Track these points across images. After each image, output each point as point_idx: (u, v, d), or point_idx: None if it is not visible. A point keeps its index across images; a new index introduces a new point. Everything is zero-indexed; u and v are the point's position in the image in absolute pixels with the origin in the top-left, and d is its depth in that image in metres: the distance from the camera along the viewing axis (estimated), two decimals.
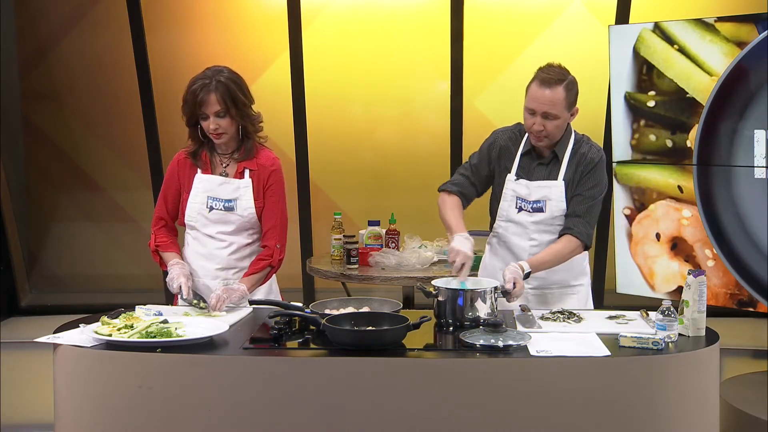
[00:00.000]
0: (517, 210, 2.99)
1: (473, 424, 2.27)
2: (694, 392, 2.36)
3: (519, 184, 2.98)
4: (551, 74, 2.85)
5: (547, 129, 2.87)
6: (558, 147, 2.96)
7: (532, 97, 2.86)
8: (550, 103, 2.83)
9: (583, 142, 2.99)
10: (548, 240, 2.97)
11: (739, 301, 3.99)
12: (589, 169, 2.94)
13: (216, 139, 2.94)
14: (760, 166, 3.81)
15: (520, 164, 3.00)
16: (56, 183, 5.50)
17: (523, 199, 2.98)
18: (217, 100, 2.85)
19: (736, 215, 3.93)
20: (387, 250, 4.11)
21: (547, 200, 2.95)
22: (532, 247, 2.98)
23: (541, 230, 2.97)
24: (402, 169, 5.33)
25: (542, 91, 2.84)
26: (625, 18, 4.83)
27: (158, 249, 3.03)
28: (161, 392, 2.33)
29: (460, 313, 2.60)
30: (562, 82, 2.85)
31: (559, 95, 2.83)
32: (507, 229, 3.03)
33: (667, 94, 4.10)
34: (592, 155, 2.95)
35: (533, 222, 2.97)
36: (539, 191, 2.96)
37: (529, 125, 2.89)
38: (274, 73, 5.20)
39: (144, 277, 5.33)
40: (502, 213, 3.02)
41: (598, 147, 3.01)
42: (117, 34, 5.20)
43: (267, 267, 2.98)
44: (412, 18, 5.19)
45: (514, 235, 3.02)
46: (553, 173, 2.96)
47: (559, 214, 2.95)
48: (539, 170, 2.98)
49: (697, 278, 2.51)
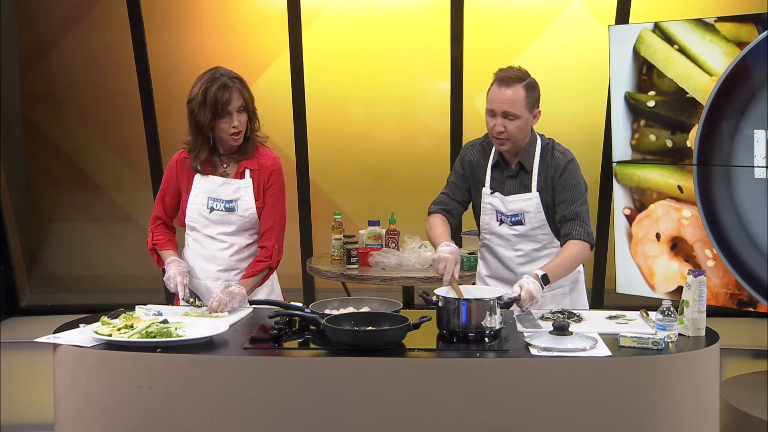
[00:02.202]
0: (498, 223, 3.01)
1: (473, 424, 2.27)
2: (694, 392, 2.36)
3: (495, 197, 3.00)
4: (510, 74, 2.87)
5: (508, 130, 2.86)
6: (524, 157, 2.95)
7: (492, 98, 2.87)
8: (510, 101, 2.84)
9: (549, 148, 2.97)
10: (532, 248, 2.99)
11: (739, 301, 3.99)
12: (560, 174, 2.93)
13: (235, 140, 2.93)
14: (760, 166, 3.81)
15: (492, 176, 3.01)
16: (56, 183, 5.49)
17: (501, 213, 2.99)
18: (239, 96, 2.88)
19: (736, 215, 3.93)
20: (387, 250, 4.12)
21: (525, 213, 2.96)
22: (518, 257, 3.00)
23: (523, 241, 2.99)
24: (402, 169, 5.32)
25: (501, 90, 2.85)
26: (625, 18, 4.83)
27: (155, 247, 3.02)
28: (161, 392, 2.33)
29: (463, 323, 2.52)
30: (522, 81, 2.86)
31: (519, 94, 2.84)
32: (492, 240, 3.06)
33: (667, 94, 4.10)
34: (557, 161, 2.94)
35: (515, 234, 2.99)
36: (515, 205, 2.97)
37: (491, 127, 2.90)
38: (274, 73, 5.20)
39: (144, 277, 5.32)
40: (485, 226, 3.05)
41: (563, 149, 2.99)
42: (117, 34, 5.20)
43: (266, 269, 2.98)
44: (412, 18, 5.18)
45: (499, 246, 3.04)
46: (525, 185, 2.96)
47: (539, 224, 2.96)
48: (510, 183, 2.98)
49: (697, 278, 2.52)
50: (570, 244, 2.89)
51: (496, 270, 3.06)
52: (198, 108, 2.87)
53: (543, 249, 3.00)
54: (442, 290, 2.66)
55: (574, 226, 2.90)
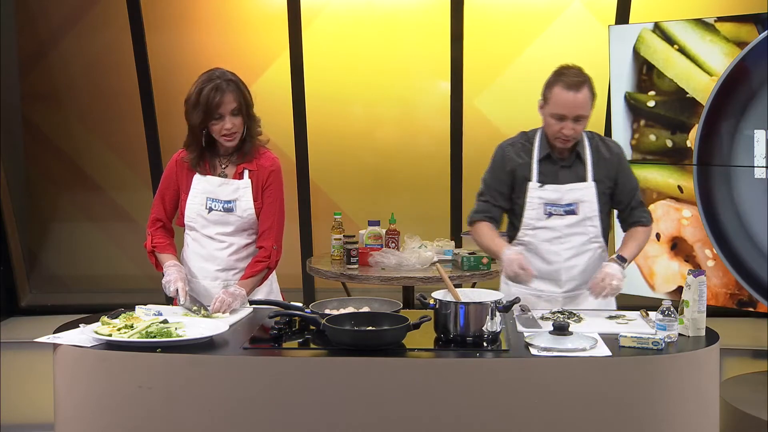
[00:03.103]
0: (547, 216, 2.97)
1: (473, 424, 2.27)
2: (694, 392, 2.36)
3: (545, 190, 2.96)
4: (576, 77, 2.85)
5: (576, 131, 2.87)
6: (579, 147, 2.97)
7: (562, 103, 2.84)
8: (582, 105, 2.84)
9: (596, 139, 3.01)
10: (581, 242, 2.97)
11: (739, 301, 3.99)
12: (617, 161, 2.99)
13: (228, 141, 2.92)
14: (760, 166, 3.81)
15: (541, 170, 2.97)
16: (56, 183, 5.49)
17: (553, 204, 2.96)
18: (233, 99, 2.86)
19: (736, 215, 3.93)
20: (387, 250, 4.11)
21: (580, 202, 2.95)
22: (566, 250, 2.97)
23: (574, 233, 2.97)
24: (402, 169, 5.33)
25: (571, 94, 2.83)
26: (625, 18, 4.83)
27: (155, 250, 3.01)
28: (161, 392, 2.33)
29: (461, 326, 2.46)
30: (586, 82, 2.86)
31: (587, 96, 2.86)
32: (536, 236, 2.99)
33: (667, 94, 4.10)
34: (612, 149, 3.01)
35: (566, 225, 2.96)
36: (571, 194, 2.95)
37: (557, 130, 2.87)
38: (274, 73, 5.20)
39: (144, 277, 5.32)
40: (529, 222, 2.98)
41: (611, 140, 3.07)
42: (117, 34, 5.20)
43: (264, 269, 2.98)
44: (412, 18, 5.19)
45: (545, 241, 2.99)
46: (579, 175, 2.96)
47: (592, 214, 2.96)
48: (564, 173, 2.97)
49: (697, 278, 2.52)
50: (640, 231, 3.00)
51: (535, 267, 2.94)
52: (191, 108, 2.88)
53: (589, 243, 2.98)
54: (439, 293, 2.60)
55: (642, 213, 3.03)
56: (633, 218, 3.03)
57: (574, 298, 3.00)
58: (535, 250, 3.00)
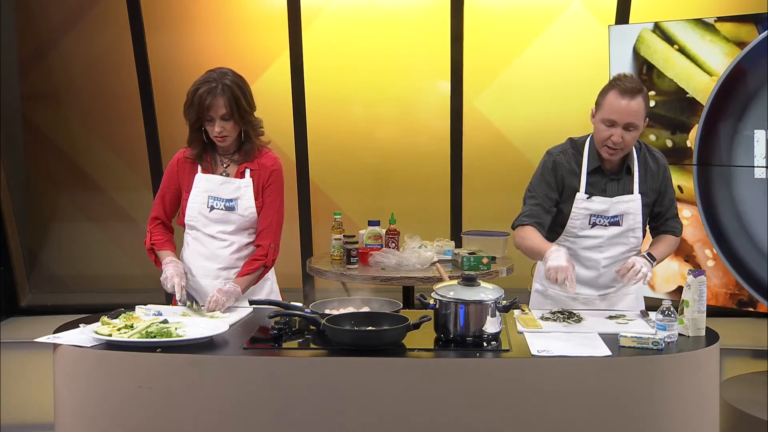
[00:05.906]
0: (591, 225, 2.96)
1: (473, 424, 2.27)
2: (694, 392, 2.36)
3: (593, 201, 2.94)
4: (632, 84, 2.81)
5: (625, 141, 2.83)
6: (629, 160, 2.95)
7: (614, 109, 2.81)
8: (635, 113, 2.80)
9: (643, 149, 2.99)
10: (620, 252, 2.97)
11: (739, 301, 3.99)
12: (662, 172, 3.00)
13: (220, 142, 2.95)
14: (760, 166, 3.81)
15: (589, 182, 2.95)
16: (56, 183, 5.49)
17: (599, 215, 2.95)
18: (224, 104, 2.87)
19: (736, 215, 3.93)
20: (387, 250, 4.11)
21: (625, 214, 2.95)
22: (604, 259, 2.97)
23: (615, 243, 2.97)
24: (402, 169, 5.32)
25: (625, 101, 2.79)
26: (625, 18, 4.83)
27: (153, 247, 3.02)
28: (161, 392, 2.33)
29: (461, 326, 2.44)
30: (641, 91, 2.82)
31: (641, 105, 2.81)
32: (576, 243, 2.99)
33: (667, 94, 4.10)
34: (659, 160, 3.01)
35: (610, 236, 2.96)
36: (618, 207, 2.94)
37: (606, 137, 2.84)
38: (274, 73, 5.20)
39: (144, 277, 5.32)
40: (572, 230, 2.98)
41: (657, 150, 3.05)
42: (117, 34, 5.20)
43: (261, 267, 2.98)
44: (412, 18, 5.18)
45: (585, 249, 2.99)
46: (628, 187, 2.95)
47: (636, 226, 2.96)
48: (612, 185, 2.95)
49: (697, 278, 2.52)
50: (671, 238, 3.04)
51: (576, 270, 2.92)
52: (188, 106, 2.92)
53: (629, 252, 2.98)
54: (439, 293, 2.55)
55: (676, 223, 3.07)
56: (666, 227, 3.04)
57: (605, 296, 3.02)
58: (574, 255, 2.98)
